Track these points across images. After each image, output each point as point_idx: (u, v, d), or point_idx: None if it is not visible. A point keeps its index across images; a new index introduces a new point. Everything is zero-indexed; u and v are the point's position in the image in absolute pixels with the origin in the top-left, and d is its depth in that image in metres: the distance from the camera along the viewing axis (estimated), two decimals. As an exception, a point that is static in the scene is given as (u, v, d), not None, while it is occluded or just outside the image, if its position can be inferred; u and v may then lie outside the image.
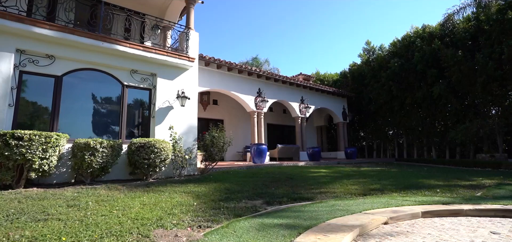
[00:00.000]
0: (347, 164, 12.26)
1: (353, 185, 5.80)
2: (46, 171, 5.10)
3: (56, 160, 5.28)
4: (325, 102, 17.56)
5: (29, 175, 4.94)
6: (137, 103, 7.40)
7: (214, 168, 8.39)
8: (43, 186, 5.30)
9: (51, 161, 5.15)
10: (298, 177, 6.90)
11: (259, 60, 27.97)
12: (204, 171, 7.91)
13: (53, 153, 5.15)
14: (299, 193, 4.95)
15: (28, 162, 4.80)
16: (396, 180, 6.48)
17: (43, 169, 5.04)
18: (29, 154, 4.75)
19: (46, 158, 5.03)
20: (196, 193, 4.70)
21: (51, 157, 5.11)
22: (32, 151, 4.79)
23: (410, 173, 8.19)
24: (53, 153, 5.14)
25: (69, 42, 6.18)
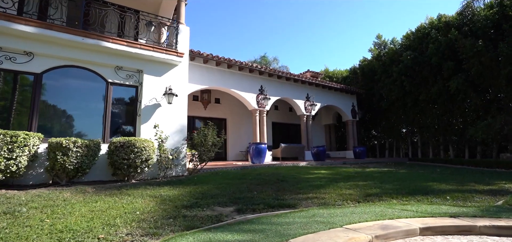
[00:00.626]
0: (354, 164, 11.41)
1: (349, 189, 5.10)
2: (15, 172, 4.76)
3: (26, 160, 4.93)
4: (333, 99, 16.68)
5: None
6: (123, 101, 7.01)
7: (205, 169, 7.89)
8: (17, 187, 4.97)
9: (20, 161, 4.80)
10: (291, 179, 6.25)
11: (267, 58, 27.37)
12: (193, 171, 7.41)
13: (21, 153, 4.80)
14: (282, 198, 4.32)
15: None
16: (401, 183, 5.69)
17: (11, 170, 4.69)
18: (-8, 155, 4.43)
19: (13, 158, 4.69)
20: (165, 197, 4.19)
21: (19, 157, 4.77)
22: None
23: (419, 175, 7.32)
24: (21, 153, 4.79)
25: (47, 38, 5.85)
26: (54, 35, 5.83)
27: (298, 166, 10.00)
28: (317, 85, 15.83)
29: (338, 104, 16.84)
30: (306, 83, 15.34)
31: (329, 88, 16.40)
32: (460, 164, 12.44)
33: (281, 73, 14.01)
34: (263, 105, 13.29)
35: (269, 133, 16.97)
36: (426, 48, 13.70)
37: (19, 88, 5.83)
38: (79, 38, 6.06)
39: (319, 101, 15.85)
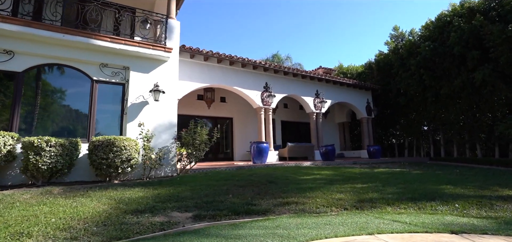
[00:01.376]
0: (365, 164, 10.48)
1: (343, 192, 4.39)
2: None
3: None
4: (345, 96, 15.69)
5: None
6: (110, 100, 6.73)
7: (198, 169, 7.45)
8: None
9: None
10: (283, 180, 5.62)
11: (280, 56, 26.65)
12: (183, 171, 6.99)
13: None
14: (256, 203, 3.73)
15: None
16: (407, 187, 4.88)
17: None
18: (-42, 155, 4.24)
19: (-20, 159, 4.50)
20: (125, 200, 3.76)
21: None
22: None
23: (434, 176, 6.38)
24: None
25: (27, 36, 5.68)
26: (33, 33, 5.64)
27: (301, 166, 9.29)
28: (327, 81, 14.94)
29: (351, 101, 15.82)
30: (315, 79, 14.52)
31: (341, 84, 15.45)
32: (488, 164, 11.09)
33: (287, 69, 13.31)
34: (268, 103, 12.69)
35: (278, 132, 16.33)
36: (448, 37, 12.39)
37: (1, 88, 5.69)
38: (59, 35, 5.83)
39: (329, 98, 14.95)
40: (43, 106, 6.08)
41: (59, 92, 6.25)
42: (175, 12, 7.77)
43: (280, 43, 52.06)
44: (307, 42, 53.63)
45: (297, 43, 51.79)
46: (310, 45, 53.40)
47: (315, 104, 14.29)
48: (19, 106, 5.71)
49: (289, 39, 51.63)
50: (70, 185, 5.21)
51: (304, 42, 53.43)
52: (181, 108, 13.33)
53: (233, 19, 52.33)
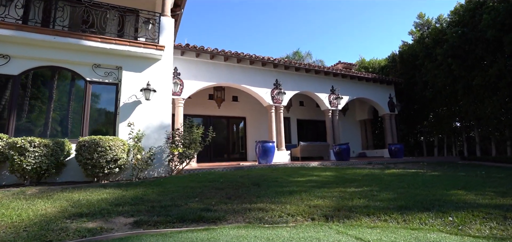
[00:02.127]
0: (380, 164, 9.50)
1: (325, 198, 3.79)
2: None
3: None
4: (364, 91, 14.57)
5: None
6: (103, 100, 6.72)
7: (195, 169, 7.20)
8: None
9: (-24, 162, 4.72)
10: (270, 183, 5.11)
11: (300, 53, 25.82)
12: (178, 172, 6.77)
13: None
14: (214, 209, 3.29)
15: None
16: (407, 192, 4.12)
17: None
18: None
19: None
20: (81, 202, 3.53)
21: (-26, 159, 4.69)
22: None
23: (452, 178, 5.43)
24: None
25: (21, 40, 5.81)
26: (26, 36, 5.75)
27: (306, 166, 8.64)
28: (343, 76, 13.99)
29: (371, 97, 14.66)
30: (330, 75, 13.66)
31: (359, 79, 14.37)
32: (532, 164, 9.52)
33: (299, 65, 12.64)
34: (278, 101, 12.15)
35: (293, 131, 15.68)
36: (479, 20, 10.87)
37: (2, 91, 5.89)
38: (50, 37, 5.90)
39: (347, 94, 13.98)
40: (38, 108, 6.21)
41: (54, 94, 6.34)
42: (169, 9, 7.60)
43: (300, 41, 50.84)
44: (328, 38, 51.75)
45: (318, 40, 50.19)
46: (331, 41, 51.45)
47: (331, 101, 13.44)
48: (16, 108, 5.87)
49: (310, 36, 50.19)
50: (55, 185, 5.21)
51: (325, 38, 51.61)
52: (192, 108, 13.30)
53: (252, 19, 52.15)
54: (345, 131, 16.94)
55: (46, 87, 6.31)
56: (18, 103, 5.91)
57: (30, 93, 6.11)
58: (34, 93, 6.16)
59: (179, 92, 10.29)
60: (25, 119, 6.03)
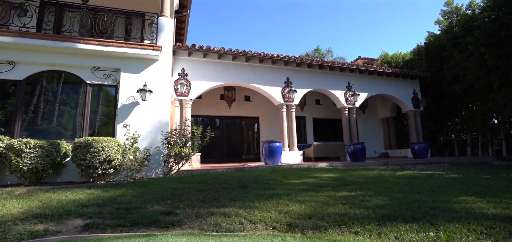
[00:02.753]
0: (397, 165, 8.68)
1: (302, 203, 3.37)
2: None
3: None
4: (385, 87, 13.58)
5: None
6: (103, 101, 6.84)
7: (196, 169, 7.07)
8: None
9: (-22, 163, 4.97)
10: (260, 185, 4.76)
11: (320, 51, 24.98)
12: (175, 172, 6.67)
13: (-22, 155, 4.96)
14: (177, 213, 3.07)
15: None
16: (406, 197, 3.54)
17: (-30, 171, 4.88)
18: None
19: (-31, 160, 4.86)
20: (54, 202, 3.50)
21: (-25, 159, 4.93)
22: None
23: (470, 182, 4.67)
24: (-23, 155, 4.95)
25: (23, 46, 6.09)
26: (27, 42, 6.01)
27: (310, 167, 8.12)
28: (361, 72, 13.15)
29: (393, 93, 13.63)
30: (346, 71, 12.91)
31: (379, 74, 13.41)
32: None
33: (311, 61, 12.08)
34: (289, 99, 11.71)
35: (309, 131, 15.08)
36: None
37: (5, 95, 6.20)
38: (50, 42, 6.10)
39: (365, 91, 13.13)
40: (41, 110, 6.46)
41: (56, 97, 6.56)
42: (168, 10, 7.55)
43: (320, 39, 49.35)
44: (349, 34, 49.71)
45: (339, 37, 48.40)
46: (353, 37, 49.31)
47: (347, 98, 12.69)
48: (20, 111, 6.14)
49: (331, 34, 48.58)
50: (52, 185, 5.33)
51: (346, 35, 49.65)
52: (205, 108, 13.32)
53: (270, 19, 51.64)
54: (365, 130, 15.97)
55: (49, 91, 6.54)
56: (23, 106, 6.18)
57: (34, 97, 6.37)
58: (37, 97, 6.41)
59: (186, 92, 10.29)
60: (29, 122, 6.29)
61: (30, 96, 6.35)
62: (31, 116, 6.33)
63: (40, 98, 6.44)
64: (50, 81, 6.54)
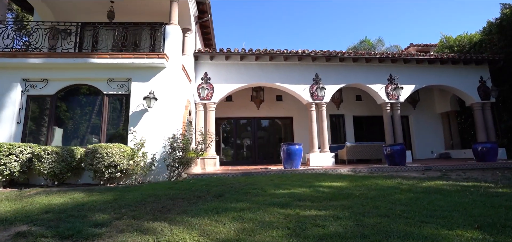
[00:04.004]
0: (439, 170, 7.04)
1: (245, 222, 2.90)
2: (9, 174, 5.82)
3: (18, 165, 5.91)
4: (440, 76, 11.40)
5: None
6: (117, 109, 7.34)
7: (208, 173, 7.05)
8: (20, 186, 6.06)
9: (11, 166, 5.82)
10: (236, 195, 4.37)
11: (369, 41, 22.64)
12: (189, 175, 6.74)
13: (11, 160, 5.81)
14: (110, 224, 2.94)
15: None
16: (379, 224, 2.69)
17: (5, 174, 5.76)
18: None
19: (2, 164, 5.73)
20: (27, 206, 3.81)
21: (8, 164, 5.78)
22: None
23: (497, 204, 3.39)
24: (11, 160, 5.80)
25: (51, 65, 6.95)
26: (53, 61, 6.86)
27: (321, 174, 7.18)
28: (406, 61, 11.32)
29: (450, 83, 11.35)
30: (387, 61, 11.28)
31: (430, 61, 11.33)
32: None
33: (342, 54, 10.89)
34: (319, 97, 10.82)
35: (349, 130, 13.69)
36: None
37: (42, 108, 7.19)
38: (70, 60, 6.83)
39: (412, 83, 11.27)
40: (68, 120, 7.28)
41: (80, 107, 7.33)
42: (176, 18, 7.69)
43: (368, 29, 44.54)
44: (402, 21, 43.47)
45: (390, 25, 42.88)
46: (407, 23, 42.95)
47: (388, 93, 11.11)
48: (52, 122, 7.04)
49: (381, 22, 43.42)
50: (69, 186, 5.93)
51: (399, 21, 43.58)
52: (235, 110, 13.32)
53: (314, 14, 49.00)
54: (418, 127, 13.74)
55: (74, 102, 7.34)
56: (55, 117, 7.07)
57: (62, 108, 7.23)
58: (65, 108, 7.26)
59: (209, 96, 10.42)
60: (60, 130, 7.16)
61: (60, 108, 7.24)
62: (60, 125, 7.20)
63: (66, 109, 7.28)
64: (75, 94, 7.35)
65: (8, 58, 6.80)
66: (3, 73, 6.96)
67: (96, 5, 9.02)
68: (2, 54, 6.84)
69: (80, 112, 7.34)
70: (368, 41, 22.67)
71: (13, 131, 6.78)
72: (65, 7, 9.20)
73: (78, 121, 7.32)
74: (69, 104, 7.33)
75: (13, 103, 6.90)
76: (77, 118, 7.32)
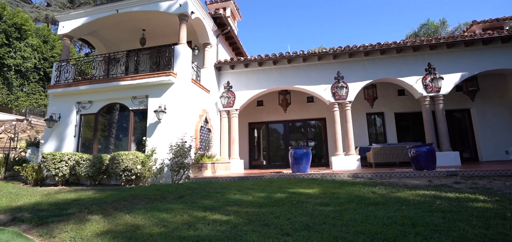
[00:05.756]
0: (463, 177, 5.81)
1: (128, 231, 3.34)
2: (65, 175, 7.71)
3: (67, 170, 7.75)
4: (497, 59, 9.26)
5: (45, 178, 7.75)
6: (139, 122, 8.69)
7: (213, 176, 7.77)
8: (78, 185, 7.93)
9: (63, 170, 7.69)
10: (200, 196, 4.85)
11: (433, 23, 19.65)
12: (196, 178, 7.57)
13: (62, 165, 7.68)
14: (61, 215, 3.83)
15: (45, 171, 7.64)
16: (277, 230, 2.74)
17: (59, 176, 7.66)
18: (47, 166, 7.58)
19: (57, 168, 7.63)
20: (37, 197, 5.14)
21: (61, 168, 7.66)
22: (47, 165, 7.57)
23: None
24: (62, 165, 7.67)
25: (93, 90, 8.79)
26: (92, 87, 8.66)
27: (313, 179, 6.83)
28: (450, 46, 9.66)
29: None
30: (424, 48, 9.89)
31: (485, 42, 9.31)
32: None
33: (366, 48, 10.01)
34: (341, 97, 10.27)
35: (391, 129, 12.34)
36: None
37: (89, 124, 9.14)
38: (103, 84, 8.52)
39: (460, 70, 9.50)
40: (107, 132, 9.02)
41: (115, 121, 8.99)
42: (185, 38, 8.63)
43: (430, 10, 37.12)
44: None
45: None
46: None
47: (427, 85, 9.72)
48: (97, 135, 8.88)
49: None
50: (100, 186, 7.46)
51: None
52: (265, 115, 13.65)
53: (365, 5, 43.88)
54: (486, 123, 11.39)
55: (111, 118, 9.04)
56: (98, 131, 8.90)
57: (103, 123, 9.02)
58: (104, 123, 9.03)
59: (231, 104, 11.11)
60: (105, 141, 8.96)
61: (101, 123, 9.06)
62: (102, 137, 9.01)
63: (106, 124, 9.05)
64: (111, 111, 9.06)
65: (67, 88, 8.94)
66: (65, 99, 9.18)
67: (135, 33, 10.87)
68: (64, 85, 9.05)
69: (115, 125, 9.01)
70: (432, 23, 19.66)
71: (72, 144, 8.86)
72: (113, 40, 11.37)
73: (114, 132, 9.01)
74: (107, 120, 9.08)
75: (72, 122, 9.02)
76: (112, 131, 9.02)
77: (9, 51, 15.53)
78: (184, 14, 8.72)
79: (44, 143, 9.01)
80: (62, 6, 20.93)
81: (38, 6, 20.96)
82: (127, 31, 10.85)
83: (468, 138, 11.83)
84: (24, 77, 16.76)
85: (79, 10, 9.64)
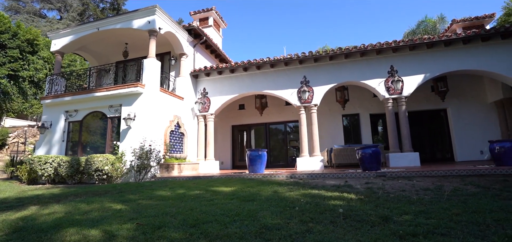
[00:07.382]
0: (390, 179, 6.28)
1: None
2: (50, 175, 9.14)
3: (52, 170, 9.16)
4: (463, 60, 9.46)
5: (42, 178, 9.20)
6: (115, 128, 9.94)
7: (179, 176, 8.82)
8: (63, 184, 9.35)
9: (49, 170, 9.11)
10: (135, 192, 5.88)
11: (430, 20, 19.38)
12: (152, 178, 8.68)
13: (47, 167, 9.10)
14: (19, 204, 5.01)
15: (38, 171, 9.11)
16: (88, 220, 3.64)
17: (48, 174, 9.09)
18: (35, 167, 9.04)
19: (43, 169, 9.06)
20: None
21: (47, 169, 9.08)
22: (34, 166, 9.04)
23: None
24: (47, 166, 9.09)
25: (77, 100, 10.20)
26: (75, 98, 10.05)
27: (250, 178, 7.57)
28: (412, 48, 9.94)
29: (486, 66, 9.20)
30: (387, 51, 10.27)
31: (447, 43, 9.53)
32: None
33: (328, 53, 10.55)
34: (306, 101, 10.91)
35: (366, 130, 12.71)
36: None
37: (75, 130, 10.56)
38: (84, 95, 9.89)
39: (422, 72, 9.76)
40: (90, 137, 10.38)
41: (96, 128, 10.33)
42: (154, 52, 9.76)
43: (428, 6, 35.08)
44: None
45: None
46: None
47: (389, 87, 10.11)
48: (81, 139, 10.28)
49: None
50: (81, 184, 8.77)
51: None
52: (245, 118, 14.51)
53: None
54: (462, 123, 11.47)
55: (93, 125, 10.40)
56: (82, 136, 10.29)
57: (85, 130, 10.41)
58: (88, 129, 10.41)
59: (206, 109, 12.11)
60: (86, 145, 10.34)
61: (85, 129, 10.45)
62: (87, 141, 10.39)
63: (89, 130, 10.43)
64: (93, 119, 10.41)
65: (56, 99, 10.44)
66: (55, 109, 10.69)
67: (120, 46, 12.24)
68: (53, 96, 10.57)
69: (97, 131, 10.36)
70: (429, 20, 19.38)
71: (61, 147, 10.34)
72: (103, 53, 12.85)
73: (96, 137, 10.36)
74: (91, 126, 10.46)
75: (61, 128, 10.50)
76: (95, 136, 10.37)
77: (23, 64, 17.74)
78: (153, 30, 9.86)
79: (34, 148, 10.58)
80: (72, 20, 23.27)
81: (51, 19, 23.50)
82: (112, 45, 12.24)
83: (445, 138, 11.89)
84: (37, 86, 19.01)
85: (66, 29, 11.15)
